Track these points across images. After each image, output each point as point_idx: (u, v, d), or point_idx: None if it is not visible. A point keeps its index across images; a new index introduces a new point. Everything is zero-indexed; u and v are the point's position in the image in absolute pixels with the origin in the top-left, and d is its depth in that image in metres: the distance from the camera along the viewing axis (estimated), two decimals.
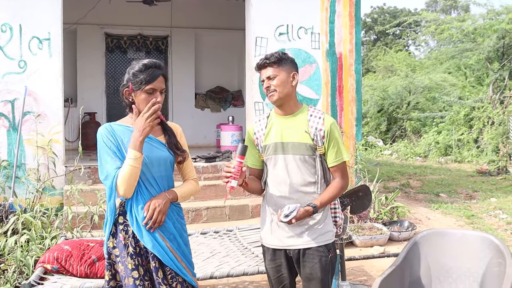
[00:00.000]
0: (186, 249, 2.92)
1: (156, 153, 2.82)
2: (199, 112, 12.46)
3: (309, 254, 2.98)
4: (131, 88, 2.75)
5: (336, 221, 3.16)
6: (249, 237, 4.92)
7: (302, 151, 2.97)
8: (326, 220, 3.05)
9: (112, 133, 2.77)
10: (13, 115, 6.92)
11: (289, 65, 3.02)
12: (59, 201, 6.83)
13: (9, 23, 6.88)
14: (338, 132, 3.01)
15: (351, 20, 8.25)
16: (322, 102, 8.06)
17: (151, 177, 2.79)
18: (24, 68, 6.94)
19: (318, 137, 2.96)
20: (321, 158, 2.99)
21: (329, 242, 3.02)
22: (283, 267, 3.07)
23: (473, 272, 3.31)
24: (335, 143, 2.98)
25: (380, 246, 6.39)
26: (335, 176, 3.03)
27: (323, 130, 2.96)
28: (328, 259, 2.99)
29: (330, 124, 2.97)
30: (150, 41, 12.15)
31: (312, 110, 3.06)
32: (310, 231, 2.99)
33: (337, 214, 3.17)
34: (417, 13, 28.51)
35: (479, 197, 9.72)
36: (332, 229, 3.07)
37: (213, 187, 7.51)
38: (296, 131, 3.00)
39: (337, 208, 3.18)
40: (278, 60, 2.97)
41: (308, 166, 2.99)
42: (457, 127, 16.45)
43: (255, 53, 7.82)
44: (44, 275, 3.90)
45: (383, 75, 25.85)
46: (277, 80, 2.96)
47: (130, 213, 2.75)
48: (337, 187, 3.00)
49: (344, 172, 3.03)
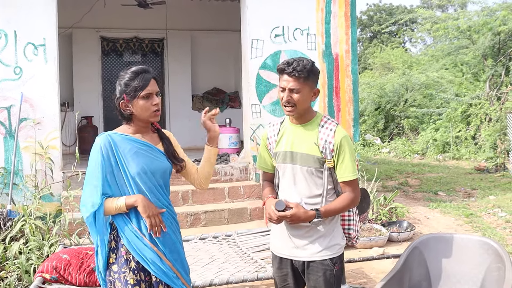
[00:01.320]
0: (183, 253, 2.92)
1: (156, 163, 2.81)
2: (196, 114, 12.42)
3: (314, 267, 2.91)
4: (127, 99, 2.73)
5: (350, 234, 3.06)
6: (248, 242, 4.91)
7: (309, 163, 2.87)
8: (334, 232, 2.94)
9: (113, 146, 2.73)
10: (9, 122, 6.90)
11: (314, 79, 2.88)
12: (57, 207, 6.81)
13: (3, 29, 6.86)
14: (350, 147, 2.86)
15: (347, 21, 8.24)
16: (319, 103, 8.05)
17: (151, 186, 2.77)
18: (19, 75, 6.92)
19: (327, 150, 2.82)
20: (330, 171, 2.87)
21: (335, 256, 2.92)
22: (289, 277, 3.02)
23: (472, 277, 3.30)
24: (344, 158, 2.83)
25: (379, 247, 6.38)
26: (345, 190, 2.89)
27: (333, 143, 2.82)
28: (333, 273, 2.90)
29: (341, 138, 2.83)
30: (146, 44, 12.13)
31: (325, 120, 2.93)
32: (316, 243, 2.90)
33: (351, 227, 3.06)
34: (413, 10, 28.52)
35: (477, 195, 9.73)
36: (340, 243, 2.96)
37: (211, 191, 7.49)
38: (306, 142, 2.89)
39: (352, 220, 3.06)
40: (307, 75, 2.81)
41: (315, 178, 2.89)
42: (455, 124, 16.47)
43: (251, 55, 7.80)
44: (43, 285, 3.88)
45: (380, 73, 25.85)
46: (300, 95, 2.82)
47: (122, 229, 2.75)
48: (346, 199, 2.87)
49: (354, 186, 2.90)
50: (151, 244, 2.72)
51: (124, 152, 2.73)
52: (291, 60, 2.84)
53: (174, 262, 2.79)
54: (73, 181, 6.79)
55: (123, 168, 2.72)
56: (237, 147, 9.28)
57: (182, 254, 2.91)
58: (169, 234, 2.80)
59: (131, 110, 2.75)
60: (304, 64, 2.80)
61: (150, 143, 2.83)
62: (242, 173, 7.97)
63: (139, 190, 2.73)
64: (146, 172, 2.73)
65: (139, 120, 2.80)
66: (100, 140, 2.74)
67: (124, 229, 2.72)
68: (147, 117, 2.78)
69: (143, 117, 2.77)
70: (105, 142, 2.73)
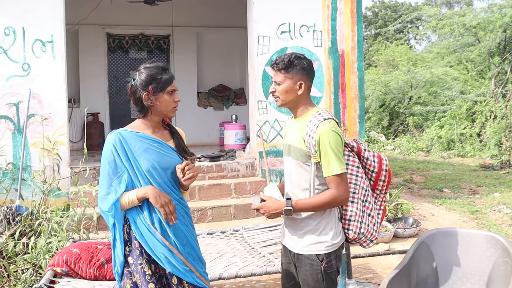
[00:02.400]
0: (197, 247, 2.96)
1: (167, 160, 2.85)
2: (202, 110, 12.48)
3: (301, 260, 2.93)
4: (152, 91, 2.78)
5: (348, 234, 2.95)
6: (255, 237, 4.94)
7: (298, 156, 2.90)
8: (324, 229, 2.89)
9: (123, 143, 2.77)
10: (18, 118, 6.95)
11: (297, 72, 2.90)
12: (65, 202, 6.87)
13: (12, 26, 6.91)
14: (331, 143, 2.76)
15: (353, 17, 8.26)
16: (325, 99, 8.08)
17: (161, 182, 2.81)
18: (28, 71, 6.97)
19: (311, 145, 2.80)
20: (317, 166, 2.84)
21: (322, 253, 2.87)
22: (292, 265, 3.07)
23: (479, 271, 3.33)
24: (326, 154, 2.76)
25: (385, 243, 6.42)
26: (330, 187, 2.82)
27: (314, 138, 2.78)
28: (320, 269, 2.87)
29: (320, 133, 2.76)
30: (152, 41, 12.17)
31: (315, 115, 2.87)
32: (304, 237, 2.91)
33: (351, 228, 2.94)
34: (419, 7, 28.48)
35: (482, 192, 9.73)
36: (329, 240, 2.88)
37: (218, 186, 7.54)
38: (297, 136, 2.92)
39: (353, 221, 2.93)
40: (284, 66, 2.88)
41: (304, 171, 2.90)
42: (460, 121, 16.44)
43: (257, 52, 7.84)
44: (54, 278, 3.93)
45: (385, 70, 25.82)
46: (282, 87, 2.91)
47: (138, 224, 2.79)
48: (326, 196, 2.80)
49: (338, 184, 2.79)
50: (163, 238, 2.75)
51: (135, 149, 2.77)
52: (281, 55, 2.96)
53: (187, 255, 2.82)
54: (81, 176, 6.84)
55: (135, 164, 2.76)
56: (243, 143, 9.32)
57: (196, 248, 2.95)
58: (180, 228, 2.84)
59: (152, 103, 2.81)
60: (283, 57, 2.90)
61: (161, 139, 2.87)
62: (249, 169, 8.01)
63: (153, 185, 2.78)
64: (156, 168, 2.78)
65: (156, 115, 2.86)
66: (111, 137, 2.79)
67: (137, 222, 2.76)
68: (167, 112, 2.86)
69: (162, 111, 2.84)
70: (115, 139, 2.77)
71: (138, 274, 2.75)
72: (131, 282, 2.78)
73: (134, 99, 2.84)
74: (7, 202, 6.23)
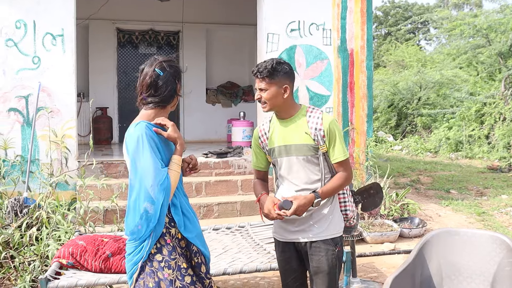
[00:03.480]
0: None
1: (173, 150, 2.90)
2: (210, 107, 12.51)
3: (316, 248, 3.05)
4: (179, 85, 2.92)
5: (347, 214, 3.21)
6: (261, 233, 4.95)
7: (304, 152, 3.04)
8: (334, 214, 3.12)
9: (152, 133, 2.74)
10: (27, 111, 6.99)
11: (281, 77, 3.04)
12: (72, 195, 6.91)
13: (23, 19, 6.94)
14: (338, 130, 3.06)
15: (363, 16, 8.24)
16: (333, 98, 8.07)
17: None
18: (38, 64, 7.01)
19: (319, 137, 3.01)
20: (324, 156, 3.06)
21: (336, 236, 3.09)
22: (293, 259, 3.17)
23: (484, 272, 3.32)
24: (335, 141, 3.03)
25: (390, 242, 6.41)
26: (339, 170, 3.08)
27: (323, 129, 3.02)
28: (335, 253, 3.06)
29: (329, 123, 3.03)
30: (162, 36, 12.22)
31: (310, 110, 3.11)
32: (317, 224, 3.06)
33: (348, 207, 3.22)
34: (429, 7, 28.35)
35: (490, 193, 9.70)
36: (340, 224, 3.14)
37: (224, 183, 7.55)
38: (297, 133, 3.06)
39: (347, 201, 3.22)
40: (269, 74, 3.00)
41: (312, 164, 3.06)
42: (468, 123, 16.38)
43: (266, 49, 7.84)
44: (60, 269, 3.95)
45: (393, 70, 25.74)
46: (267, 93, 3.03)
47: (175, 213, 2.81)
48: (340, 178, 3.06)
49: (346, 165, 3.08)
50: None
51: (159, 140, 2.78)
52: (259, 63, 3.07)
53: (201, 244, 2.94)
54: (88, 170, 6.88)
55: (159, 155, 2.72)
56: (250, 140, 9.31)
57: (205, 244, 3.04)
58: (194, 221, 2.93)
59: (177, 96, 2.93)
60: (266, 65, 3.02)
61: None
62: None
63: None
64: (169, 160, 2.82)
65: (172, 107, 2.95)
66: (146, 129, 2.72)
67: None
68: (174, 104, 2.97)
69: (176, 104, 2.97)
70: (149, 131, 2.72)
71: (172, 270, 2.71)
72: (154, 281, 2.70)
73: (162, 89, 2.80)
74: (15, 194, 6.27)
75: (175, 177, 2.74)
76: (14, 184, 6.31)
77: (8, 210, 5.70)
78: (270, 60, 3.05)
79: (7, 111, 6.94)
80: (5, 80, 6.91)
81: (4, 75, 6.91)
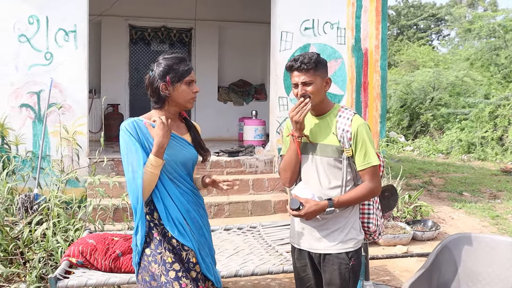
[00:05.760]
0: (210, 239, 2.97)
1: (184, 152, 2.83)
2: (221, 105, 12.46)
3: (329, 260, 2.91)
4: (169, 82, 2.75)
5: (369, 227, 3.02)
6: (272, 234, 4.89)
7: (328, 153, 2.89)
8: (352, 226, 2.94)
9: (137, 129, 2.74)
10: (38, 107, 6.97)
11: (324, 69, 2.91)
12: (83, 192, 6.88)
13: (36, 15, 6.92)
14: (368, 135, 2.86)
15: (378, 15, 8.16)
16: (346, 98, 8.00)
17: (179, 175, 2.79)
18: (50, 60, 6.99)
19: (345, 139, 2.83)
20: (349, 161, 2.88)
21: (351, 250, 2.91)
22: (308, 267, 3.04)
23: (502, 279, 3.25)
24: (363, 146, 2.84)
25: (403, 245, 6.32)
26: (364, 180, 2.88)
27: (350, 131, 2.84)
28: (348, 267, 2.89)
29: (358, 126, 2.84)
30: (174, 34, 12.17)
31: (342, 110, 2.94)
32: (332, 236, 2.91)
33: (371, 220, 3.02)
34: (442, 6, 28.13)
35: (503, 197, 9.58)
36: (357, 237, 2.94)
37: (235, 182, 7.48)
38: (324, 132, 2.92)
39: (371, 214, 3.03)
40: (315, 65, 2.85)
41: (334, 169, 2.90)
42: (481, 125, 16.21)
43: (280, 48, 7.78)
44: (69, 268, 3.91)
45: (406, 70, 25.56)
46: (312, 87, 2.86)
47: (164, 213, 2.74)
48: (363, 190, 2.86)
49: (373, 176, 2.86)
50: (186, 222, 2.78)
51: (148, 139, 2.74)
52: (297, 56, 2.90)
53: (200, 246, 2.84)
54: (99, 167, 6.85)
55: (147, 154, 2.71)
56: (262, 139, 9.28)
57: (209, 240, 2.95)
58: (196, 218, 2.84)
59: (169, 94, 2.78)
60: (310, 56, 2.86)
61: (176, 133, 2.84)
62: (267, 165, 7.96)
63: (168, 178, 2.75)
64: (169, 162, 2.74)
65: (173, 106, 2.83)
66: (126, 124, 2.75)
67: None
68: (185, 103, 2.82)
69: (180, 102, 2.81)
70: (131, 126, 2.73)
71: (157, 264, 2.72)
72: (148, 275, 2.74)
73: (152, 90, 2.80)
74: (26, 190, 6.25)
75: (149, 176, 2.65)
76: (25, 180, 6.29)
77: (18, 207, 5.68)
78: (309, 52, 2.89)
79: (19, 106, 6.93)
80: (17, 76, 6.90)
81: (17, 70, 6.90)
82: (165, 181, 2.75)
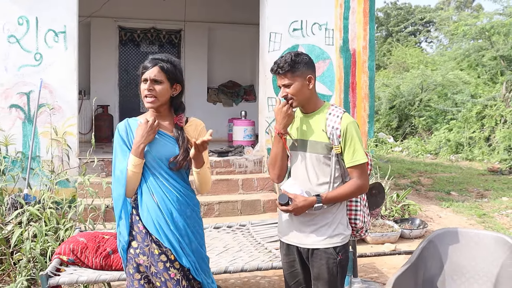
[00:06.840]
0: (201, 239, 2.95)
1: (168, 149, 2.84)
2: (211, 106, 12.49)
3: (317, 255, 2.95)
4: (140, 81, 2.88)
5: (356, 224, 3.06)
6: (262, 232, 4.93)
7: (318, 150, 2.93)
8: (339, 222, 2.97)
9: (128, 129, 2.84)
10: (28, 107, 6.98)
11: (303, 68, 2.92)
12: (73, 193, 6.89)
13: (25, 16, 6.93)
14: (357, 133, 2.91)
15: (365, 17, 8.23)
16: (335, 98, 8.06)
17: (164, 172, 2.81)
18: (40, 61, 7.00)
19: (334, 136, 2.87)
20: (337, 158, 2.92)
21: (339, 245, 2.95)
22: (297, 263, 3.08)
23: (486, 272, 3.32)
24: (351, 144, 2.88)
25: (391, 243, 6.40)
26: (352, 177, 2.92)
27: (339, 129, 2.88)
28: (336, 262, 2.93)
29: (347, 124, 2.89)
30: (163, 35, 12.18)
31: (332, 108, 2.99)
32: (319, 231, 2.95)
33: (358, 217, 3.06)
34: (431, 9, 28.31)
35: (490, 196, 9.69)
36: (344, 232, 2.98)
37: (225, 182, 7.55)
38: (314, 130, 2.96)
39: (358, 210, 3.06)
40: (290, 67, 2.89)
41: (323, 165, 2.94)
42: (469, 125, 16.36)
43: (268, 49, 7.83)
44: (60, 266, 3.94)
45: (394, 72, 25.70)
46: (292, 88, 2.91)
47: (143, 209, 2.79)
48: (351, 186, 2.90)
49: (361, 173, 2.91)
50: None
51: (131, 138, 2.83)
52: (277, 60, 2.95)
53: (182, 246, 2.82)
54: (89, 167, 6.86)
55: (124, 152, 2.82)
56: (251, 139, 9.32)
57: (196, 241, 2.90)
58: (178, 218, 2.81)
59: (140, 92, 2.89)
60: (285, 59, 2.90)
61: (165, 130, 2.88)
62: (256, 165, 8.01)
63: (151, 174, 2.79)
64: (154, 159, 2.80)
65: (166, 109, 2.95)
66: (119, 125, 2.86)
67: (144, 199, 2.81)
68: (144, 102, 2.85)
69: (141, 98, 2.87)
70: (122, 127, 2.85)
71: (146, 256, 2.78)
72: (132, 267, 2.82)
73: None
74: (15, 190, 6.26)
75: (129, 174, 2.74)
76: (15, 181, 6.29)
77: (8, 207, 5.68)
78: (287, 54, 2.94)
79: (9, 107, 6.94)
80: (7, 77, 6.91)
81: (6, 71, 6.90)
82: (148, 178, 2.79)
